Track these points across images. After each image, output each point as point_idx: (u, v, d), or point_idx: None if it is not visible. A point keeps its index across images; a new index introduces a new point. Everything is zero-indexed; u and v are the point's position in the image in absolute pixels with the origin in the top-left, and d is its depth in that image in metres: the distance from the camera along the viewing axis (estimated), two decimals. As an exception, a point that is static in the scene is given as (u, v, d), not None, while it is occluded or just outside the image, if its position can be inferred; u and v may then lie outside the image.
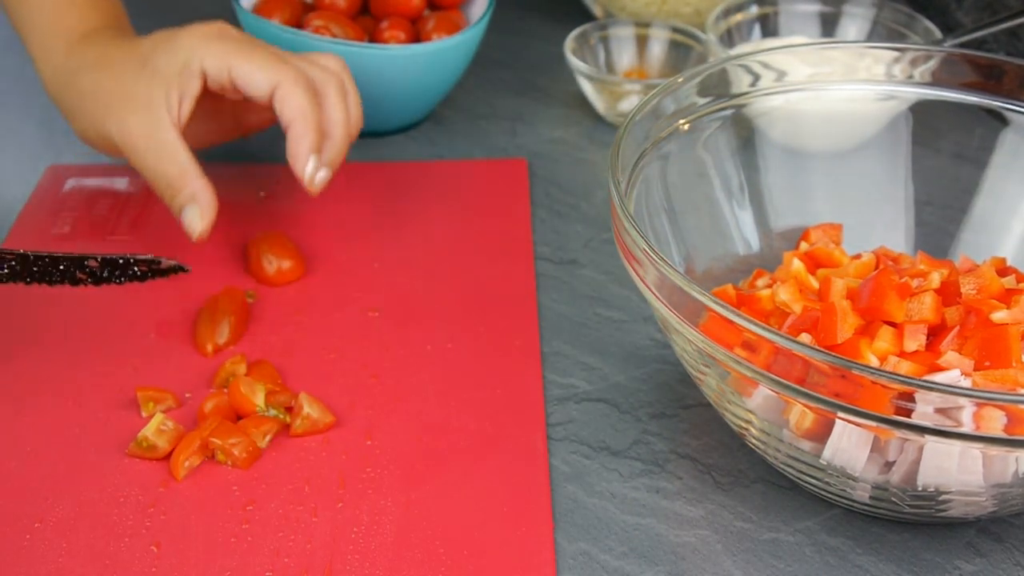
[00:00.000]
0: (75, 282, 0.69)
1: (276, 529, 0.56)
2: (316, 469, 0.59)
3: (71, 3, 0.75)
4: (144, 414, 0.62)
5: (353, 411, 0.63)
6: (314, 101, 0.69)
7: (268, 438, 0.61)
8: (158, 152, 0.68)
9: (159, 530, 0.56)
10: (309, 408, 0.61)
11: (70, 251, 0.70)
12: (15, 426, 0.62)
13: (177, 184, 0.68)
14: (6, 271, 0.67)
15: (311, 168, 0.69)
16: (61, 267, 0.69)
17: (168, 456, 0.60)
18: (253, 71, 0.68)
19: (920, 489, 0.53)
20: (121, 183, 0.81)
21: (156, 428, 0.60)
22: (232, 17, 0.99)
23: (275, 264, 0.72)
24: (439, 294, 0.71)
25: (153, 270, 0.71)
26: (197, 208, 0.68)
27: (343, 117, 0.70)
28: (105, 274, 0.70)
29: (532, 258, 0.74)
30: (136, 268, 0.71)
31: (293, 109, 0.68)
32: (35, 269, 0.68)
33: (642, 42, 0.93)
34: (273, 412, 0.62)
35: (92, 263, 0.70)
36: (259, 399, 0.62)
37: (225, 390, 0.63)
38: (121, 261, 0.70)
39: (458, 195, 0.80)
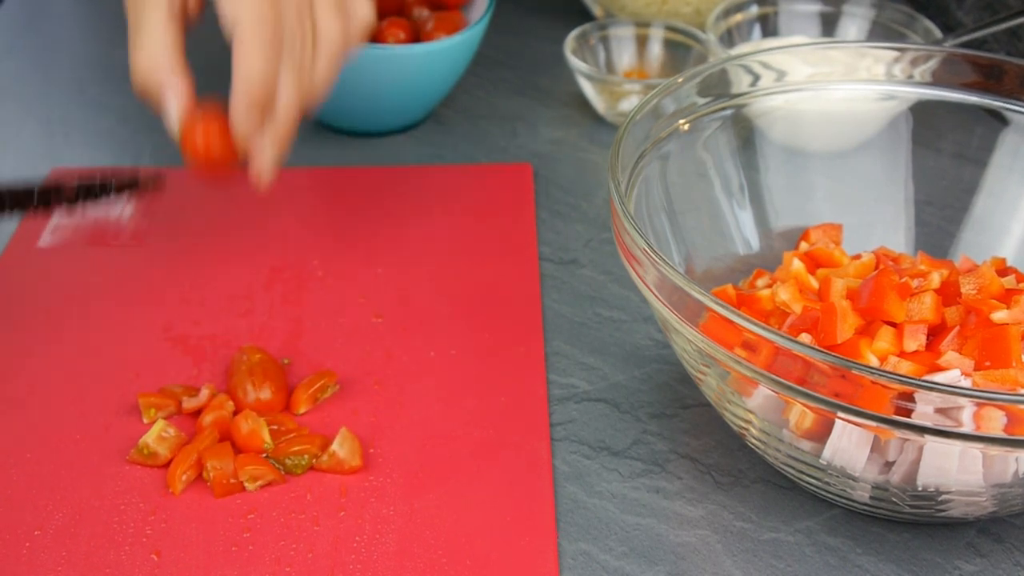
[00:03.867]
0: (48, 204, 0.64)
1: (278, 538, 0.56)
2: (318, 477, 0.59)
3: None
4: (145, 420, 0.62)
5: (356, 419, 0.63)
6: (269, 64, 0.59)
7: (258, 484, 0.58)
8: (138, 32, 0.62)
9: (160, 538, 0.56)
10: (338, 447, 0.59)
11: (68, 259, 0.68)
12: (15, 432, 0.62)
13: (144, 77, 0.61)
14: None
15: (244, 124, 0.60)
16: (35, 196, 0.64)
17: (169, 464, 0.59)
18: (227, 2, 0.59)
19: (920, 489, 0.53)
20: (121, 184, 0.81)
21: (157, 435, 0.59)
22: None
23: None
24: (443, 300, 0.71)
25: (128, 184, 0.66)
26: (172, 100, 0.61)
27: (293, 86, 0.60)
28: (79, 196, 0.65)
29: (537, 263, 0.74)
30: (112, 182, 0.66)
31: (241, 67, 0.59)
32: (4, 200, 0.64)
33: (642, 42, 0.93)
34: (275, 463, 0.59)
35: (67, 191, 0.65)
36: (264, 435, 0.60)
37: (229, 403, 0.62)
38: (99, 182, 0.65)
39: (462, 200, 0.80)
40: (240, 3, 0.59)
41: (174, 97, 0.61)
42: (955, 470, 0.51)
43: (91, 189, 0.66)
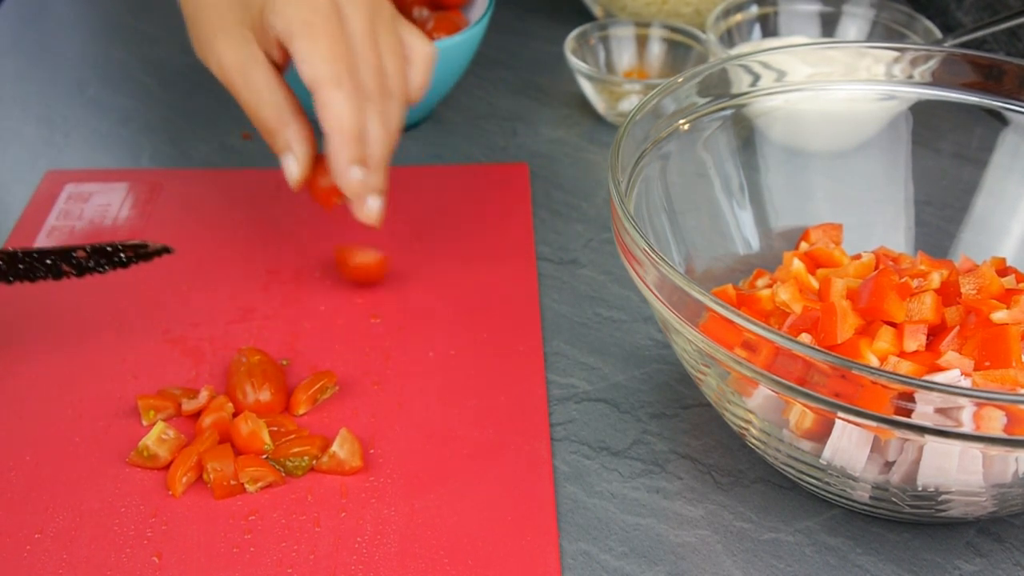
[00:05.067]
0: (59, 275, 0.66)
1: (279, 539, 0.56)
2: (318, 478, 0.59)
3: None
4: (145, 423, 0.62)
5: (355, 419, 0.63)
6: (357, 111, 0.63)
7: (258, 486, 0.59)
8: (252, 93, 0.64)
9: (160, 540, 0.56)
10: (338, 447, 0.59)
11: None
12: (15, 435, 0.62)
13: (273, 128, 0.65)
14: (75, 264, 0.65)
15: (356, 179, 0.64)
16: (48, 262, 0.66)
17: (169, 465, 0.59)
18: (305, 54, 0.63)
19: (920, 489, 0.53)
20: (119, 189, 0.81)
21: (157, 437, 0.59)
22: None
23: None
24: (441, 300, 0.71)
25: (139, 254, 0.67)
26: (292, 157, 0.66)
27: (383, 131, 0.65)
28: (91, 264, 0.67)
29: (535, 263, 0.74)
30: (123, 255, 0.67)
31: (330, 118, 0.63)
32: (21, 267, 0.65)
33: (642, 42, 0.93)
34: (276, 465, 0.59)
35: (80, 253, 0.66)
36: (264, 437, 0.60)
37: (228, 405, 0.62)
38: (109, 249, 0.67)
39: (460, 200, 0.80)
40: (317, 64, 0.63)
41: (299, 144, 0.66)
42: (955, 470, 0.51)
43: (102, 254, 0.67)
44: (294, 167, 0.66)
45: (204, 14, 0.66)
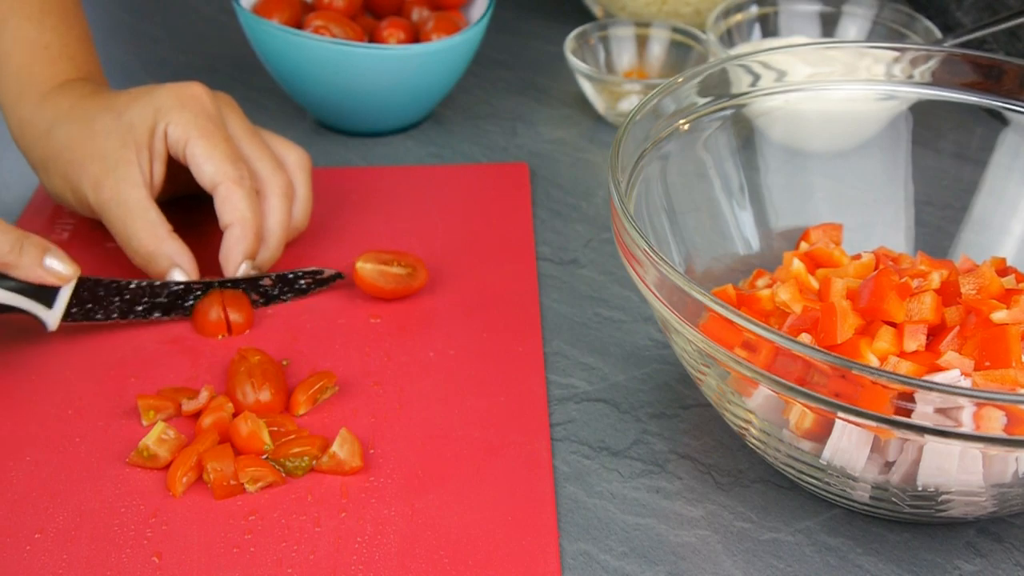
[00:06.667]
0: (254, 306, 0.70)
1: (279, 540, 0.56)
2: (318, 478, 0.59)
3: (45, 52, 0.73)
4: (145, 423, 0.62)
5: (356, 419, 0.63)
6: (254, 206, 0.68)
7: (258, 486, 0.59)
8: (128, 214, 0.68)
9: (160, 540, 0.56)
10: (338, 447, 0.59)
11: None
12: (15, 435, 0.62)
13: (151, 250, 0.68)
14: (191, 302, 0.69)
15: (241, 271, 0.69)
16: (242, 287, 0.69)
17: (169, 466, 0.59)
18: (203, 159, 0.68)
19: (920, 489, 0.53)
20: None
21: (157, 437, 0.59)
22: (233, 18, 0.99)
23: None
24: (441, 300, 0.71)
25: (317, 281, 0.71)
26: (178, 270, 0.69)
27: (280, 223, 0.70)
28: (276, 291, 0.70)
29: (534, 263, 0.74)
30: (303, 282, 0.71)
31: (232, 214, 0.68)
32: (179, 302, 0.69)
33: (642, 42, 0.93)
34: (276, 465, 0.59)
35: (267, 282, 0.70)
36: (264, 436, 0.60)
37: (228, 405, 0.62)
38: (290, 276, 0.71)
39: (459, 200, 0.80)
40: (219, 164, 0.68)
41: (183, 256, 0.69)
42: (955, 470, 0.51)
43: (285, 282, 0.71)
44: (179, 277, 0.69)
45: (72, 151, 0.69)
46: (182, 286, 0.68)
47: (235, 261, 0.69)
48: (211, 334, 0.68)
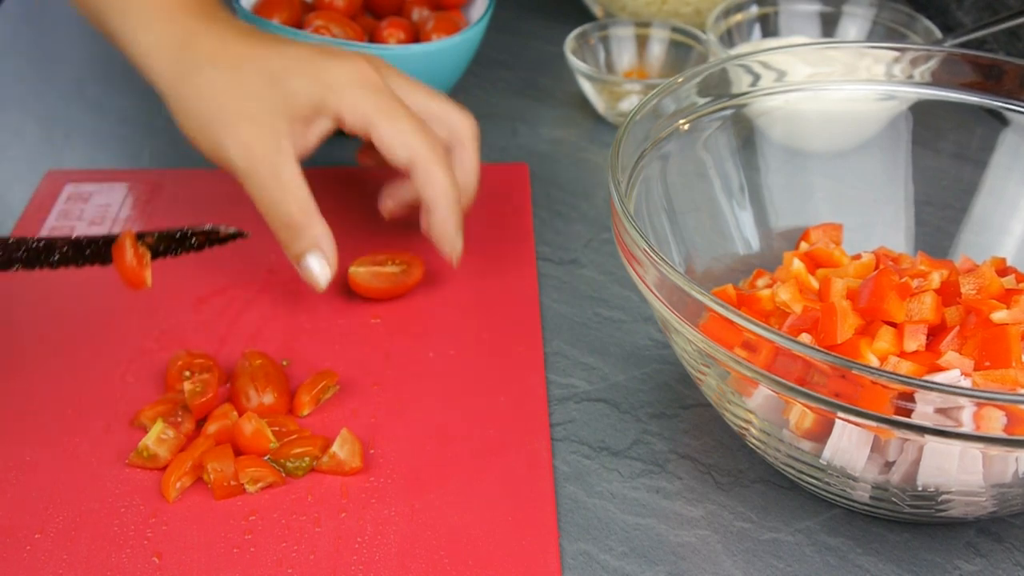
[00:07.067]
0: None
1: (279, 540, 0.56)
2: (318, 478, 0.59)
3: None
4: (145, 423, 0.62)
5: (355, 420, 0.63)
6: (453, 178, 0.66)
7: (258, 486, 0.58)
8: (280, 187, 0.65)
9: (160, 541, 0.56)
10: (339, 448, 0.59)
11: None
12: (15, 436, 0.62)
13: (298, 225, 0.65)
14: (57, 257, 0.65)
15: (459, 247, 0.68)
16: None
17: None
18: (393, 137, 0.65)
19: (920, 489, 0.53)
20: (119, 189, 0.81)
21: (157, 437, 0.59)
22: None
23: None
24: (441, 300, 0.71)
25: (211, 239, 0.68)
26: (321, 256, 0.66)
27: (474, 169, 0.69)
28: (162, 248, 0.67)
29: (535, 263, 0.74)
30: (194, 239, 0.67)
31: (436, 189, 0.66)
32: (88, 252, 0.65)
33: (642, 42, 0.93)
34: (276, 465, 0.59)
35: (148, 239, 0.66)
36: (269, 435, 0.60)
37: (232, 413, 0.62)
38: (177, 235, 0.67)
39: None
40: (411, 142, 0.65)
41: (328, 241, 0.66)
42: (955, 470, 0.51)
43: (171, 240, 0.67)
44: (323, 269, 0.66)
45: (216, 102, 0.65)
46: (42, 242, 0.65)
47: (449, 238, 0.67)
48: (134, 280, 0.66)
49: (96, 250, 0.66)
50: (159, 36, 0.67)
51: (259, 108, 0.65)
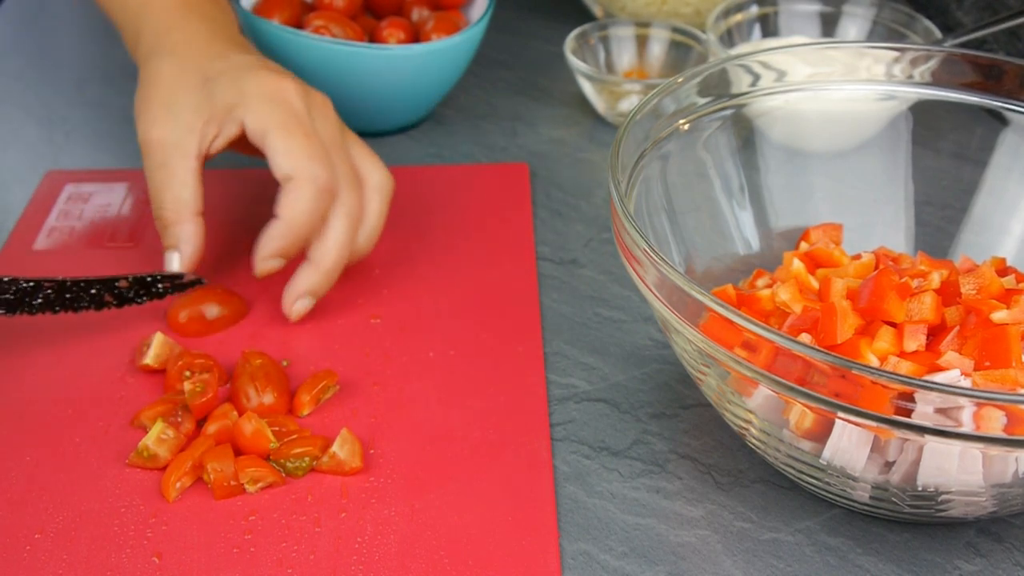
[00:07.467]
0: (101, 306, 0.67)
1: (279, 540, 0.56)
2: (318, 478, 0.59)
3: None
4: (145, 423, 0.62)
5: (355, 420, 0.63)
6: (313, 209, 0.64)
7: (258, 486, 0.58)
8: (166, 179, 0.66)
9: (160, 541, 0.56)
10: (339, 448, 0.59)
11: (64, 260, 0.68)
12: (15, 436, 0.62)
13: (167, 221, 0.67)
14: (40, 301, 0.65)
15: (263, 268, 0.66)
16: (92, 291, 0.67)
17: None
18: (279, 152, 0.65)
19: (920, 489, 0.53)
20: (119, 189, 0.81)
21: (157, 437, 0.59)
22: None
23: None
24: (441, 300, 0.71)
25: (175, 285, 0.69)
26: (177, 256, 0.67)
27: (338, 244, 0.66)
28: (131, 294, 0.68)
29: (534, 263, 0.74)
30: (160, 286, 0.68)
31: (284, 208, 0.65)
32: (68, 296, 0.66)
33: (642, 42, 0.93)
34: (276, 465, 0.59)
35: (122, 283, 0.67)
36: (269, 435, 0.59)
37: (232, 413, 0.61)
38: (148, 279, 0.68)
39: (459, 200, 0.80)
40: (298, 161, 0.65)
41: (188, 244, 0.67)
42: (955, 470, 0.51)
43: (142, 285, 0.68)
44: (176, 265, 0.68)
45: (154, 88, 0.68)
46: (31, 284, 0.65)
47: (263, 254, 0.66)
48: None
49: (78, 295, 0.67)
50: (153, 23, 0.71)
51: (184, 102, 0.67)
